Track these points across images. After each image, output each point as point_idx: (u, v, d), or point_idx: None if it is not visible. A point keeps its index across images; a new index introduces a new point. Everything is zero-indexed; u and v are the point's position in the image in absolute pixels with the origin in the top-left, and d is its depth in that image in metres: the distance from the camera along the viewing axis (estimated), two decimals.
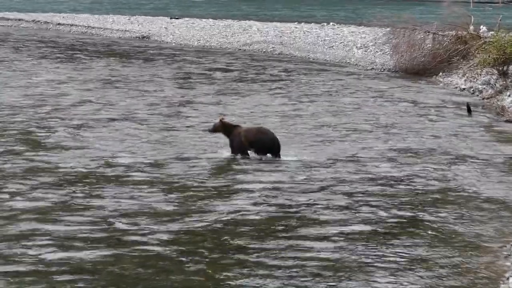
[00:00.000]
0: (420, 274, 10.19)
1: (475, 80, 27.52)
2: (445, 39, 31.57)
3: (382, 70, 32.33)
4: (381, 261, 10.56)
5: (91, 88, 26.17)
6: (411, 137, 19.04)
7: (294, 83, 28.09)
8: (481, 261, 10.77)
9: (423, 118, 21.86)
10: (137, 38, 44.67)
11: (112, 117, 20.90)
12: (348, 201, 13.33)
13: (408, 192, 14.06)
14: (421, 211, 12.91)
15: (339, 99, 24.82)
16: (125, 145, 17.45)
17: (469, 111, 22.54)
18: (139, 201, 13.02)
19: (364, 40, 37.78)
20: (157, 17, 50.86)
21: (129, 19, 50.62)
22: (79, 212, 12.34)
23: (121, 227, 11.68)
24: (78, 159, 15.85)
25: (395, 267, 10.39)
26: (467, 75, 28.39)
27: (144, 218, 12.11)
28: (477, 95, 26.29)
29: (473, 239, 11.64)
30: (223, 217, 12.23)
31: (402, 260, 10.64)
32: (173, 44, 42.10)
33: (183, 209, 12.70)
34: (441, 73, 29.92)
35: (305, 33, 41.57)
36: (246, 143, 16.30)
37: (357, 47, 36.94)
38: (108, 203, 12.86)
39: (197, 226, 11.80)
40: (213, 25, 46.00)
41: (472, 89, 26.96)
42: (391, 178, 15.00)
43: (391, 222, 12.28)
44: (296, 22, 45.62)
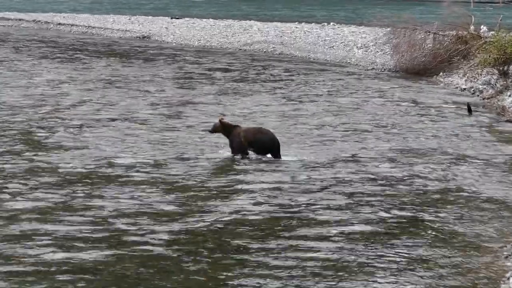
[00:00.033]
0: (420, 274, 10.19)
1: (476, 80, 27.50)
2: (446, 39, 31.53)
3: (382, 70, 32.32)
4: (381, 261, 10.56)
5: (91, 88, 26.18)
6: (411, 137, 19.03)
7: (294, 83, 28.09)
8: (482, 261, 10.76)
9: (423, 118, 21.85)
10: (138, 38, 44.66)
11: (112, 117, 20.91)
12: (348, 201, 13.33)
13: (408, 192, 14.05)
14: (421, 211, 12.90)
15: (339, 99, 24.81)
16: (125, 145, 17.45)
17: (470, 111, 22.53)
18: (139, 201, 13.03)
19: (364, 40, 37.76)
20: (158, 17, 50.84)
21: (129, 19, 50.60)
22: (79, 212, 12.35)
23: (121, 227, 11.68)
24: (78, 159, 15.86)
25: (395, 267, 10.38)
26: (467, 75, 28.37)
27: (144, 218, 12.11)
28: (478, 95, 26.28)
29: (473, 239, 11.64)
30: (224, 217, 12.23)
31: (402, 260, 10.64)
32: (174, 44, 42.09)
33: (184, 209, 12.70)
34: (441, 73, 29.90)
35: (305, 33, 41.55)
36: (245, 143, 16.30)
37: (357, 47, 36.92)
38: (108, 203, 12.87)
39: (197, 226, 11.81)
40: (214, 25, 45.99)
41: (472, 89, 26.95)
42: (392, 178, 15.00)
43: (392, 222, 12.28)
44: (296, 22, 45.58)
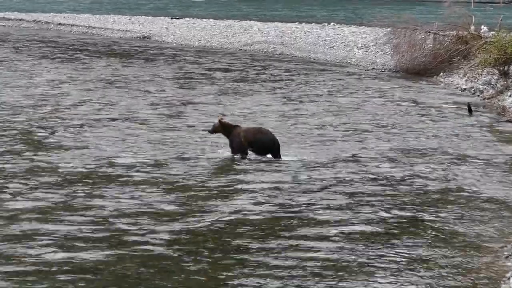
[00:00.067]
0: (420, 274, 10.18)
1: (476, 80, 27.50)
2: (446, 39, 31.53)
3: (383, 70, 32.32)
4: (381, 261, 10.55)
5: (91, 88, 26.19)
6: (412, 137, 19.03)
7: (294, 83, 28.09)
8: (482, 261, 10.76)
9: (424, 118, 21.85)
10: (138, 38, 44.67)
11: (112, 117, 20.91)
12: (348, 201, 13.33)
13: (408, 192, 14.05)
14: (421, 211, 12.90)
15: (339, 99, 24.81)
16: (126, 145, 17.45)
17: (470, 111, 22.53)
18: (140, 201, 13.03)
19: (365, 40, 37.76)
20: (158, 17, 50.85)
21: (129, 19, 50.62)
22: (80, 212, 12.35)
23: (122, 227, 11.68)
24: (78, 159, 15.86)
25: (395, 267, 10.38)
26: (468, 75, 28.37)
27: (145, 218, 12.11)
28: (478, 95, 26.27)
29: (473, 239, 11.64)
30: (224, 217, 12.23)
31: (402, 260, 10.64)
32: (174, 44, 42.09)
33: (184, 209, 12.70)
34: (442, 73, 29.90)
35: (306, 33, 41.55)
36: (245, 143, 16.30)
37: (357, 47, 36.92)
38: (109, 203, 12.87)
39: (198, 226, 11.81)
40: (214, 25, 46.00)
41: (473, 89, 26.94)
42: (392, 178, 15.00)
43: (392, 222, 12.27)
44: (297, 22, 45.60)
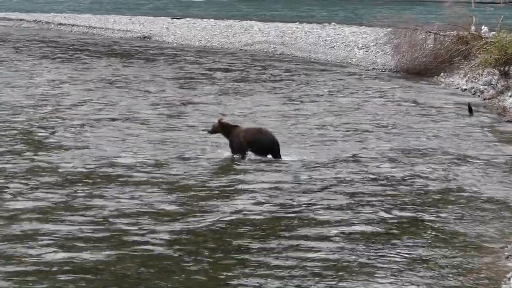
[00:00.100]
0: (421, 274, 10.18)
1: (477, 80, 27.50)
2: (447, 39, 31.53)
3: (383, 70, 32.31)
4: (382, 261, 10.55)
5: (92, 88, 26.19)
6: (412, 137, 19.02)
7: (295, 83, 28.09)
8: (483, 262, 10.76)
9: (424, 118, 21.85)
10: (139, 38, 44.67)
11: (113, 117, 20.92)
12: (349, 201, 13.33)
13: (409, 192, 14.05)
14: (422, 211, 12.90)
15: (340, 99, 24.81)
16: (126, 145, 17.45)
17: (471, 111, 22.53)
18: (140, 201, 13.03)
19: (365, 40, 37.74)
20: (159, 17, 50.85)
21: (130, 19, 50.61)
22: (80, 212, 12.35)
23: (122, 227, 11.68)
24: (79, 159, 15.86)
25: (396, 267, 10.38)
26: (468, 75, 28.37)
27: (145, 218, 12.12)
28: (479, 96, 26.27)
29: (474, 240, 11.64)
30: (225, 217, 12.23)
31: (403, 260, 10.64)
32: (175, 44, 42.09)
33: (185, 209, 12.71)
34: (442, 74, 29.89)
35: (306, 33, 41.53)
36: (245, 143, 16.28)
37: (358, 47, 36.91)
38: (109, 203, 12.87)
39: (198, 226, 11.81)
40: (215, 25, 45.98)
41: (473, 90, 26.94)
42: (392, 178, 14.99)
43: (392, 222, 12.27)
44: (297, 22, 45.59)
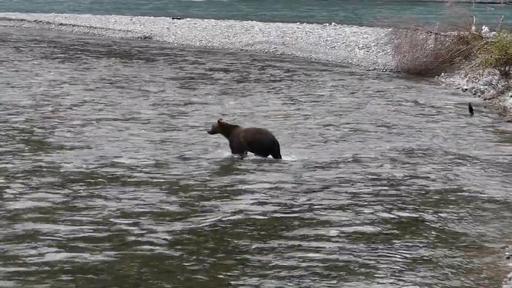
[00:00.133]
0: (421, 274, 10.18)
1: (477, 80, 27.50)
2: (447, 39, 31.54)
3: (384, 70, 32.32)
4: (382, 261, 10.55)
5: (93, 88, 26.21)
6: (413, 137, 19.02)
7: (296, 84, 28.09)
8: (483, 262, 10.76)
9: (425, 118, 21.85)
10: (139, 38, 44.70)
11: (114, 117, 20.93)
12: (349, 201, 13.33)
13: (409, 192, 14.05)
14: (423, 211, 12.89)
15: (341, 99, 24.82)
16: (127, 145, 17.46)
17: (471, 111, 22.53)
18: (141, 201, 13.03)
19: (366, 40, 37.76)
20: (159, 18, 50.87)
21: (131, 19, 50.66)
22: (81, 212, 12.35)
23: (123, 227, 11.68)
24: (80, 159, 15.87)
25: (396, 267, 10.38)
26: (469, 75, 28.38)
27: (146, 218, 12.12)
28: (479, 96, 26.27)
29: (475, 240, 11.64)
30: (226, 217, 12.24)
31: (403, 260, 10.64)
32: (175, 44, 42.11)
33: (185, 209, 12.71)
34: (443, 74, 29.90)
35: (307, 33, 41.55)
36: (244, 143, 16.28)
37: (359, 48, 36.92)
38: (110, 203, 12.87)
39: (199, 226, 11.82)
40: (215, 26, 46.02)
41: (474, 90, 26.94)
42: (393, 178, 14.99)
43: (393, 222, 12.27)
44: (298, 22, 45.60)
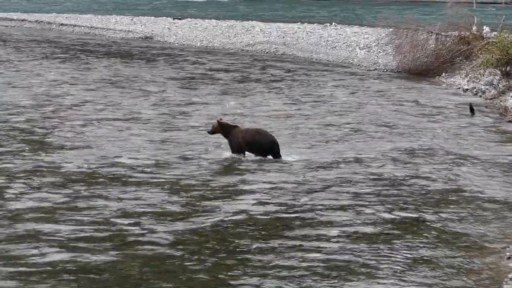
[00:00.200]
0: (423, 274, 10.19)
1: (478, 80, 27.50)
2: (448, 39, 31.54)
3: (385, 70, 32.32)
4: (383, 261, 10.56)
5: (94, 88, 26.23)
6: (413, 137, 19.02)
7: (296, 84, 28.10)
8: (484, 262, 10.76)
9: (425, 118, 21.85)
10: (140, 38, 44.73)
11: (115, 117, 20.95)
12: (351, 201, 13.33)
13: (410, 192, 14.05)
14: (424, 211, 12.90)
15: (341, 99, 24.82)
16: (128, 145, 17.47)
17: (472, 111, 22.53)
18: (142, 201, 13.04)
19: (367, 40, 37.76)
20: (160, 18, 50.90)
21: (131, 20, 50.69)
22: (83, 212, 12.36)
23: (124, 227, 11.69)
24: (81, 159, 15.88)
25: (397, 267, 10.39)
26: (470, 75, 28.38)
27: (147, 218, 12.13)
28: (480, 96, 26.27)
29: (476, 240, 11.64)
30: (227, 217, 12.24)
31: (404, 260, 10.64)
32: (176, 44, 42.13)
33: (187, 209, 12.72)
34: (444, 74, 29.90)
35: (308, 33, 41.56)
36: (243, 143, 16.28)
37: (360, 48, 36.93)
38: (111, 203, 12.88)
39: (201, 226, 11.82)
40: (216, 26, 46.03)
41: (475, 90, 26.94)
42: (394, 178, 14.99)
43: (394, 222, 12.27)
44: (299, 22, 45.61)
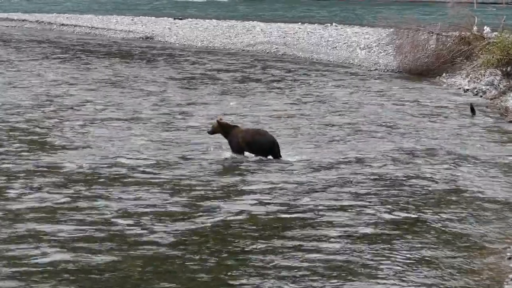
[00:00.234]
0: (423, 274, 10.19)
1: (479, 81, 27.50)
2: (449, 39, 31.53)
3: (385, 70, 32.32)
4: (384, 262, 10.56)
5: (94, 88, 26.24)
6: (414, 137, 19.02)
7: (297, 84, 28.11)
8: (485, 262, 10.76)
9: (426, 118, 21.85)
10: (141, 38, 44.74)
11: (116, 117, 20.95)
12: (351, 201, 13.33)
13: (411, 192, 14.05)
14: (424, 212, 12.90)
15: (342, 99, 24.82)
16: (129, 145, 17.48)
17: (473, 111, 22.53)
18: (143, 201, 13.04)
19: (367, 41, 37.76)
20: (161, 18, 50.92)
21: (132, 20, 50.71)
22: (83, 212, 12.36)
23: (125, 227, 11.69)
24: (82, 159, 15.88)
25: (398, 268, 10.39)
26: (470, 76, 28.38)
27: (148, 218, 12.13)
28: (481, 96, 26.28)
29: (476, 240, 11.64)
30: (228, 217, 12.24)
31: (405, 260, 10.64)
32: (177, 44, 42.15)
33: (188, 209, 12.72)
34: (444, 74, 29.90)
35: (308, 34, 41.56)
36: (242, 144, 16.28)
37: (360, 48, 36.93)
38: (112, 203, 12.88)
39: (201, 226, 11.82)
40: (217, 26, 46.04)
41: (475, 90, 26.94)
42: (395, 178, 14.99)
43: (395, 222, 12.27)
44: (299, 22, 45.61)
